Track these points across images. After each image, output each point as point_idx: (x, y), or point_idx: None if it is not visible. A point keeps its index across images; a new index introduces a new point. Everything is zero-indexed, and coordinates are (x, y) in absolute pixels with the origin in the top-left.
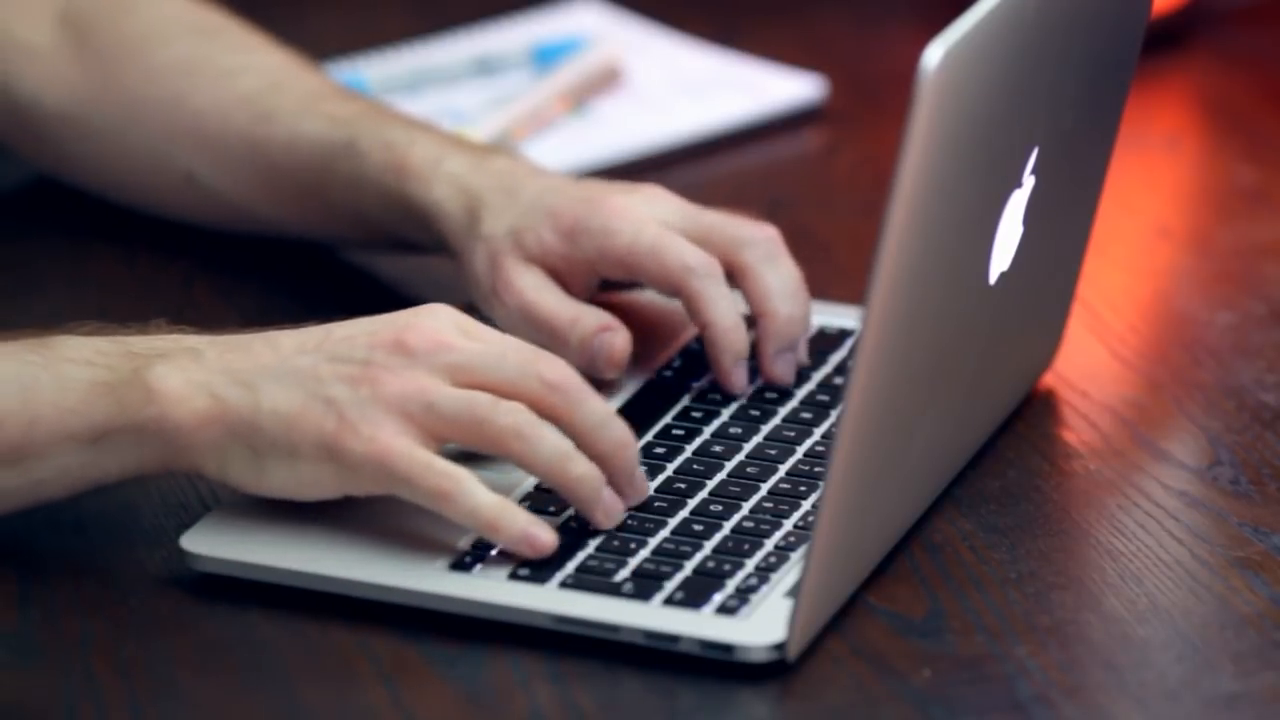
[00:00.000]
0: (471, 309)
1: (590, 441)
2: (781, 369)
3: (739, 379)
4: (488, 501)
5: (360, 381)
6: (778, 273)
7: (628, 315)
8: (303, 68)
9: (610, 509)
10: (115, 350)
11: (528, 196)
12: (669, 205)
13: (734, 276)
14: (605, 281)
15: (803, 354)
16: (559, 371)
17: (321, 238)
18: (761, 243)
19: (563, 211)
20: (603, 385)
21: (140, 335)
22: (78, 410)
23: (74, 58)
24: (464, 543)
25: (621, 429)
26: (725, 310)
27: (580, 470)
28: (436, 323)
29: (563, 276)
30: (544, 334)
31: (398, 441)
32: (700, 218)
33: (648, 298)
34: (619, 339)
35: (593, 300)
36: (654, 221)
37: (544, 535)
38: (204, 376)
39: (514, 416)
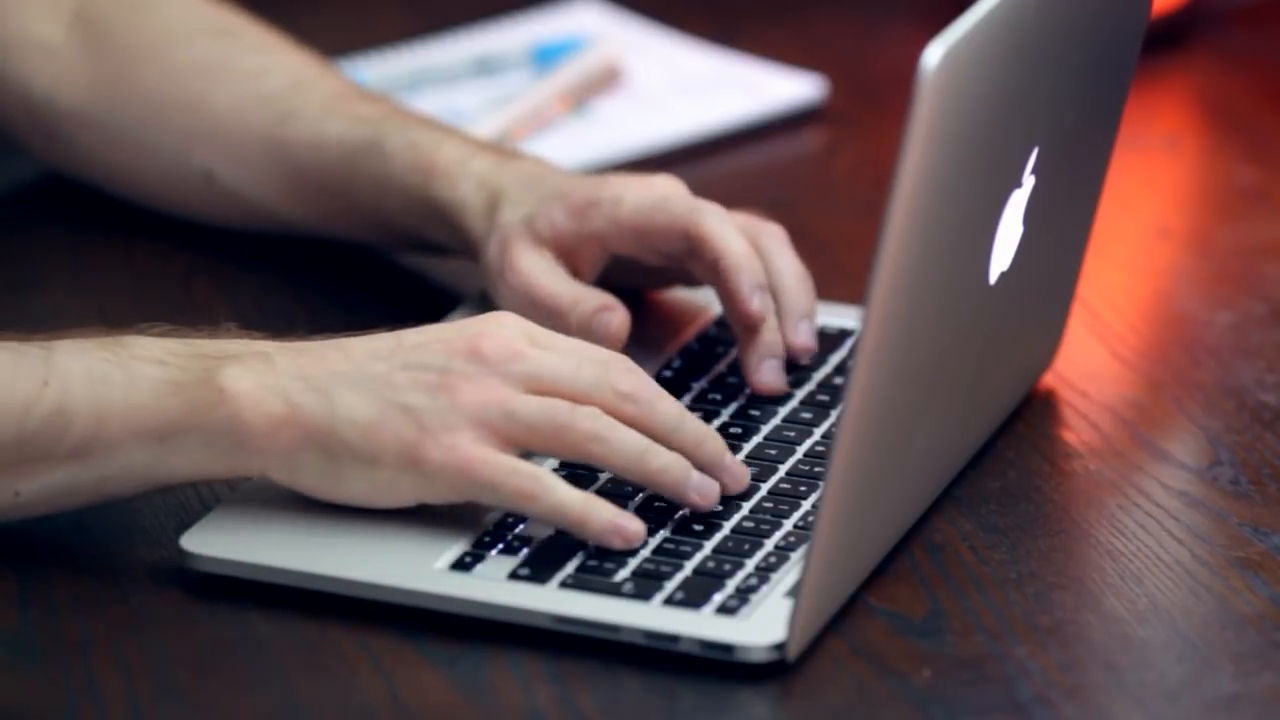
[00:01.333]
0: (484, 299)
1: (670, 444)
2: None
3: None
4: (573, 497)
5: (438, 389)
6: (786, 257)
7: (639, 307)
8: (323, 69)
9: (703, 489)
10: (186, 351)
11: (547, 188)
12: (681, 191)
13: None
14: (619, 271)
15: (812, 341)
16: (631, 381)
17: (341, 237)
18: (774, 232)
19: (575, 192)
20: None
21: (210, 338)
22: (147, 406)
23: (89, 56)
24: (464, 543)
25: (697, 425)
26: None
27: (661, 461)
28: (508, 331)
29: (573, 256)
30: (545, 314)
31: (477, 448)
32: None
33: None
34: (616, 317)
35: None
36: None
37: (632, 525)
38: (277, 381)
39: (592, 421)
